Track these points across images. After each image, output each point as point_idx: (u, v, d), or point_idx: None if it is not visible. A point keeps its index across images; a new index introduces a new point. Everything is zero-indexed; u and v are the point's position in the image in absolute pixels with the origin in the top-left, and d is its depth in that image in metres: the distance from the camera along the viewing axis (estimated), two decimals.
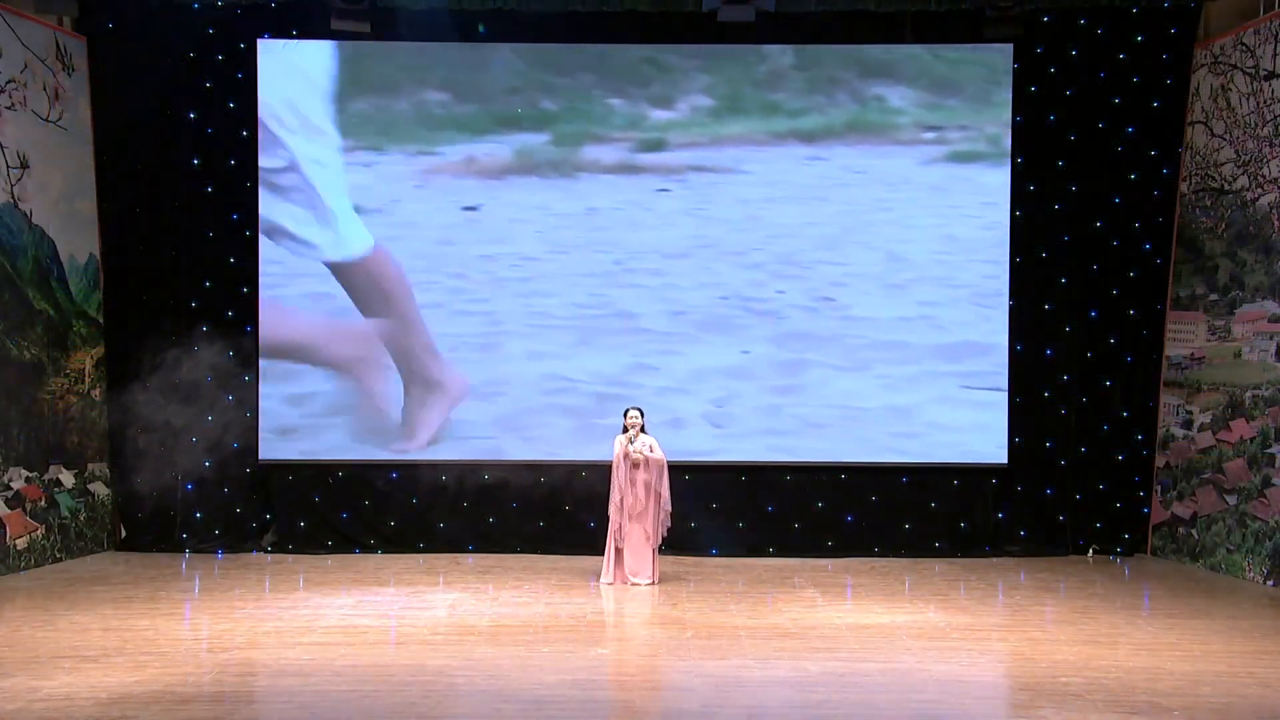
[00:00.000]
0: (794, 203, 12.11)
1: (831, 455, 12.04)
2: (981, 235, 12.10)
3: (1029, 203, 12.14)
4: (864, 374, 12.00)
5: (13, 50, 10.94)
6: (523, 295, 12.11)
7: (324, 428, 12.04)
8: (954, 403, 12.03)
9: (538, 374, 12.05)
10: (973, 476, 12.20)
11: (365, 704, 6.71)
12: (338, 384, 12.12)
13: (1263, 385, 10.87)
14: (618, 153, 12.12)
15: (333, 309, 12.08)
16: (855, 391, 12.00)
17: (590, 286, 12.13)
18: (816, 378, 12.04)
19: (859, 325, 12.05)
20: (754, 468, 12.12)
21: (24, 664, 7.49)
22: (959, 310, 12.08)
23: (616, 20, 11.86)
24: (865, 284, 12.09)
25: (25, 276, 11.08)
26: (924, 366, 12.01)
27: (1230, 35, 11.43)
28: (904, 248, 12.14)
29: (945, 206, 12.12)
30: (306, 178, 11.96)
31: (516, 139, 12.14)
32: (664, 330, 12.11)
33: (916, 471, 12.16)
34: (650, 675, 7.63)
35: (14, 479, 10.87)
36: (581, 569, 11.12)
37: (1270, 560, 10.60)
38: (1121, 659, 7.85)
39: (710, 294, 12.12)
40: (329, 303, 12.07)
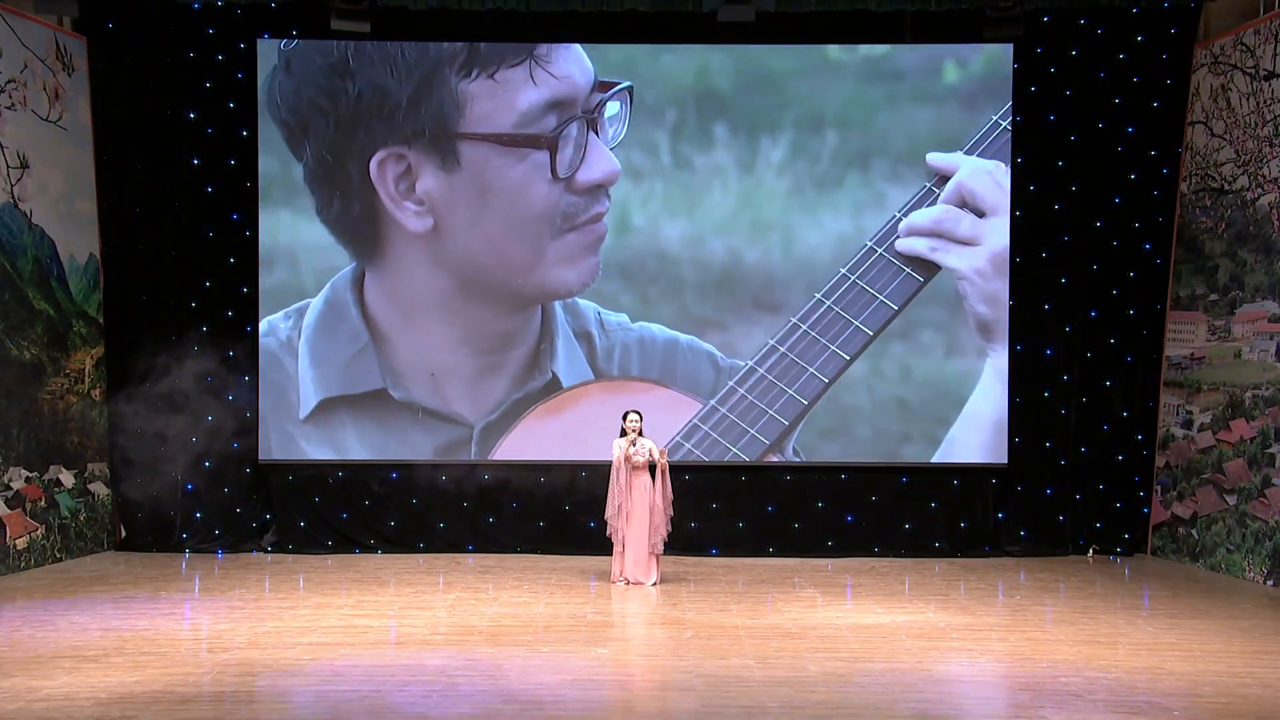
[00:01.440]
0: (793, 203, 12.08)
1: (831, 455, 12.04)
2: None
3: (1029, 203, 12.15)
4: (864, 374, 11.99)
5: (13, 50, 10.94)
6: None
7: (324, 427, 12.03)
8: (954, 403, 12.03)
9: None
10: (973, 476, 12.21)
11: (365, 704, 6.71)
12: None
13: (1263, 385, 10.87)
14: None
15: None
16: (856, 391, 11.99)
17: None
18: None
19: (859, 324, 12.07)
20: (754, 468, 12.13)
21: (24, 664, 7.49)
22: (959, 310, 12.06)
23: (616, 20, 11.86)
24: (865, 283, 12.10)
25: (25, 276, 11.08)
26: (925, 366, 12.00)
27: (1230, 35, 11.44)
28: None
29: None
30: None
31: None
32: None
33: (916, 471, 12.16)
34: (650, 675, 7.63)
35: (14, 479, 10.87)
36: (581, 569, 11.12)
37: (1270, 560, 10.60)
38: (1121, 659, 7.85)
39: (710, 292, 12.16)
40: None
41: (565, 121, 11.85)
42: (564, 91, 11.88)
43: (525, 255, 11.98)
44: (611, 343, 12.16)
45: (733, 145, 12.10)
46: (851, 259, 11.99)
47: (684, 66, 12.12)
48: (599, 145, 11.98)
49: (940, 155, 12.05)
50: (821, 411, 11.94)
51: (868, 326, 11.94)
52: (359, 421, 12.07)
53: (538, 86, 11.86)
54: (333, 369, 12.03)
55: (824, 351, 11.93)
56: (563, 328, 12.12)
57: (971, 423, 12.10)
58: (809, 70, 12.12)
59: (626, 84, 12.00)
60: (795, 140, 12.07)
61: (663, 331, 12.17)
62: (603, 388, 12.14)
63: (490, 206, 11.95)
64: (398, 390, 12.05)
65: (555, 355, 12.08)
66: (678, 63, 12.12)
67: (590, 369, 12.14)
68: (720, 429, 11.97)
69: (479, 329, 12.10)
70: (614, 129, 12.08)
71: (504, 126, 11.92)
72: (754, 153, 12.09)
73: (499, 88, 11.92)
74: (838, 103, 12.07)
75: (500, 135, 11.92)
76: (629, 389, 12.06)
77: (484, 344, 12.11)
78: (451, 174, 11.95)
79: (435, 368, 12.11)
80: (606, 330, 12.14)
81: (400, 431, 12.10)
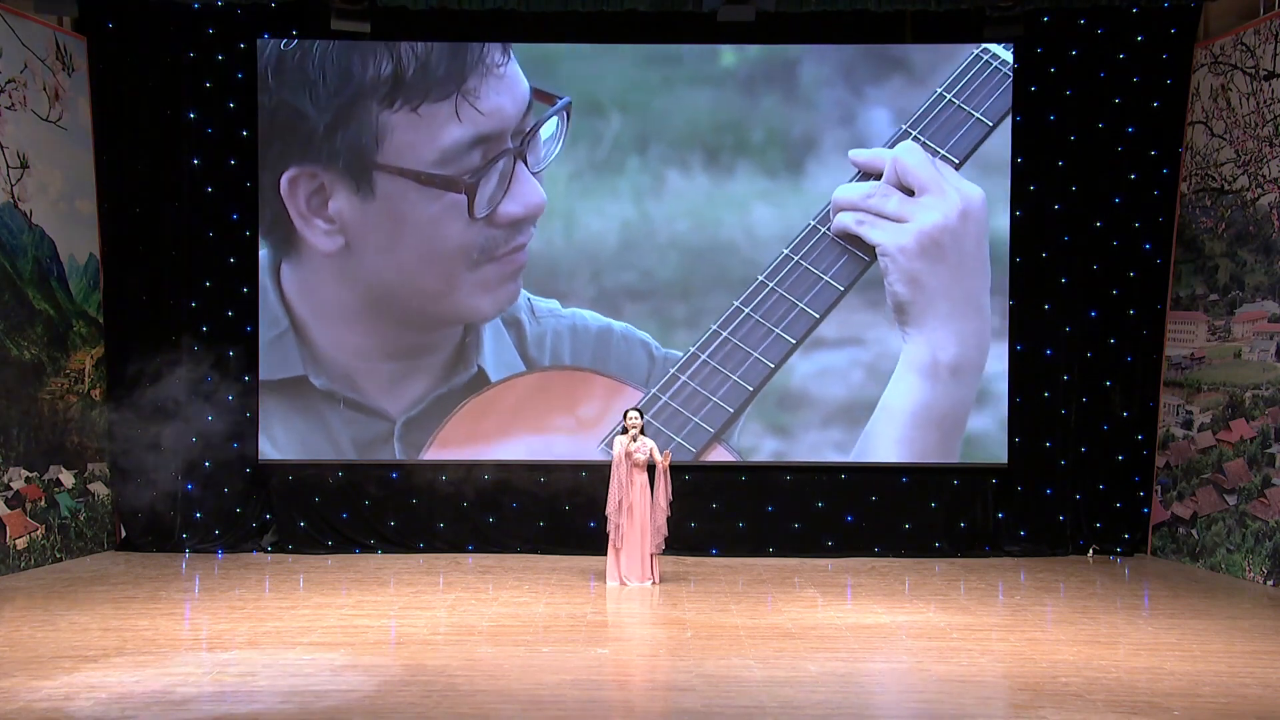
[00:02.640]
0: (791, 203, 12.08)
1: (831, 455, 12.04)
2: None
3: (1029, 203, 12.15)
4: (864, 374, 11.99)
5: (13, 50, 10.94)
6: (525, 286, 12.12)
7: (324, 427, 12.03)
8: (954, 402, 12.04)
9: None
10: (973, 476, 12.21)
11: (365, 704, 6.71)
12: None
13: (1263, 385, 10.87)
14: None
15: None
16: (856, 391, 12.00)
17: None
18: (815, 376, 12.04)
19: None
20: (754, 468, 12.12)
21: (24, 664, 7.50)
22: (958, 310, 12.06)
23: (616, 20, 11.86)
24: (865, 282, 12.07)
25: (25, 276, 11.08)
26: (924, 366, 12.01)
27: (1230, 35, 11.44)
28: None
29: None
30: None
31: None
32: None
33: (916, 471, 12.16)
34: (650, 675, 7.63)
35: (14, 479, 10.87)
36: (581, 569, 11.12)
37: (1270, 560, 10.60)
38: (1121, 659, 7.86)
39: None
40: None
41: (490, 161, 11.62)
42: (491, 127, 11.65)
43: (438, 285, 11.84)
44: (542, 329, 11.90)
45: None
46: (795, 238, 11.76)
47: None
48: (525, 177, 11.75)
49: (862, 151, 11.85)
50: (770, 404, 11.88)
51: (813, 309, 11.70)
52: (283, 410, 11.96)
53: (462, 123, 11.66)
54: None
55: (768, 336, 11.71)
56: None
57: (885, 416, 11.86)
58: (590, 55, 11.99)
59: (565, 100, 11.80)
60: (575, 125, 11.91)
61: (595, 319, 11.93)
62: (537, 378, 11.88)
63: (404, 237, 11.82)
64: (318, 378, 11.92)
65: (481, 348, 11.84)
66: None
67: (520, 357, 11.87)
68: (663, 418, 11.67)
69: (392, 341, 11.94)
70: (548, 149, 11.85)
71: (425, 161, 11.71)
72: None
73: (422, 121, 11.70)
74: (617, 87, 11.94)
75: (418, 174, 11.71)
76: (564, 378, 11.80)
77: (399, 352, 11.96)
78: (365, 201, 11.81)
79: (350, 369, 11.94)
80: (537, 317, 11.90)
81: (322, 422, 11.93)
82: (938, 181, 11.74)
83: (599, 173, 11.95)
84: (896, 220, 11.70)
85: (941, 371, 11.87)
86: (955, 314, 11.84)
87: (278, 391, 11.98)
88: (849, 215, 11.75)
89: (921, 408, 11.88)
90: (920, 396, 11.87)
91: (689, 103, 11.97)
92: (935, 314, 11.82)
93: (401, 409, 11.97)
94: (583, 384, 11.92)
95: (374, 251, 11.83)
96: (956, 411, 11.93)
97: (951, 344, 11.85)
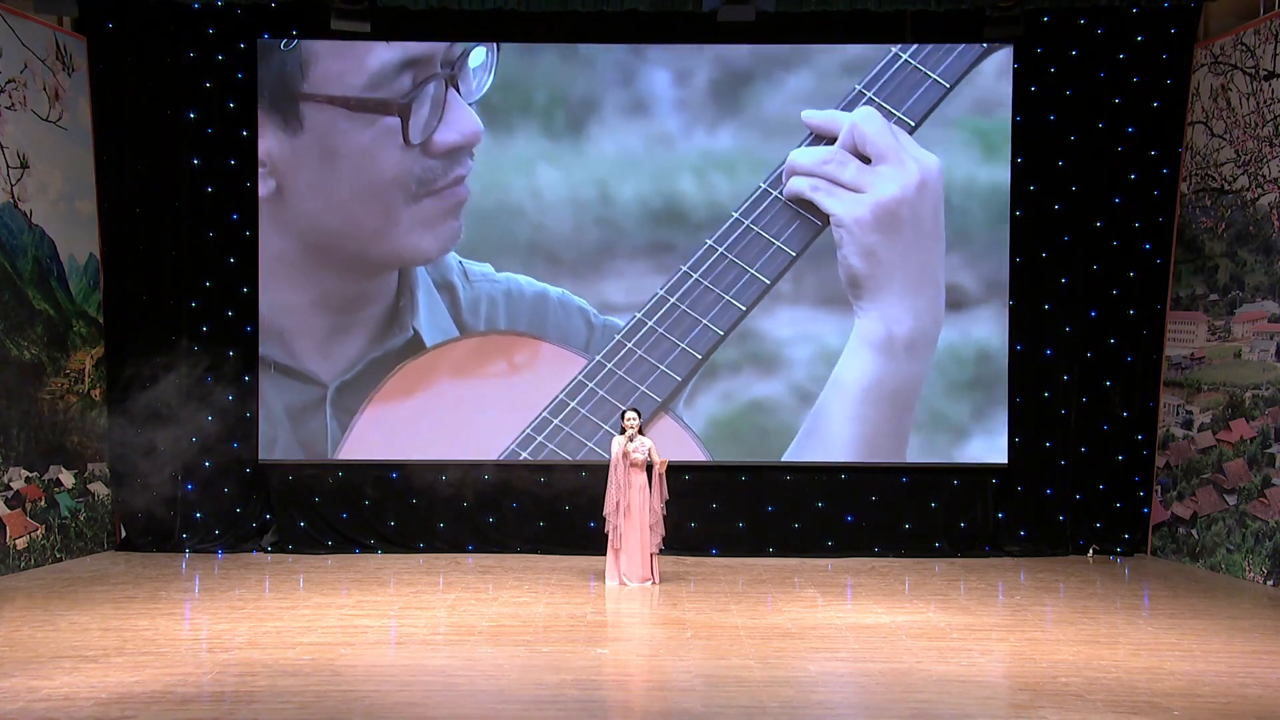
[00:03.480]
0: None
1: (832, 455, 12.03)
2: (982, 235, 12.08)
3: (1029, 203, 12.15)
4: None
5: (13, 50, 10.94)
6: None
7: (324, 427, 12.03)
8: (955, 403, 12.03)
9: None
10: (973, 476, 12.21)
11: (365, 704, 6.71)
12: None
13: (1263, 385, 10.87)
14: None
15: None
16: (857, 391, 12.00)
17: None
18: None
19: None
20: (754, 468, 12.12)
21: (24, 664, 7.49)
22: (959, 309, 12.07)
23: (616, 20, 11.86)
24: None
25: (25, 276, 11.08)
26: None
27: (1230, 35, 11.44)
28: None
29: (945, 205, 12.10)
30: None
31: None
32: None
33: (916, 471, 12.16)
34: (650, 675, 7.63)
35: (14, 479, 10.87)
36: (581, 569, 11.12)
37: (1270, 560, 10.60)
38: (1121, 659, 7.85)
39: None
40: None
41: (421, 82, 11.22)
42: (419, 50, 11.30)
43: (377, 222, 11.55)
44: (476, 294, 11.62)
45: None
46: (744, 202, 11.52)
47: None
48: (459, 104, 11.41)
49: (816, 113, 11.64)
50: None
51: (764, 274, 11.47)
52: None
53: (390, 45, 11.40)
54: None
55: (718, 302, 11.47)
56: (423, 280, 11.63)
57: (837, 390, 11.67)
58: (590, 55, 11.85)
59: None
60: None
61: (530, 284, 11.67)
62: (474, 343, 11.64)
63: (337, 171, 11.56)
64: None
65: (416, 310, 11.59)
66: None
67: (454, 323, 11.62)
68: (608, 386, 11.44)
69: (329, 291, 11.66)
70: (478, 80, 11.48)
71: (354, 87, 11.43)
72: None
73: (346, 47, 11.44)
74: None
75: (348, 99, 11.39)
76: (502, 343, 11.57)
77: (335, 305, 11.69)
78: (294, 137, 11.62)
79: (283, 329, 11.75)
80: (470, 281, 11.62)
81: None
82: (896, 151, 11.50)
83: (555, 140, 11.70)
84: (853, 190, 11.46)
85: (896, 347, 11.66)
86: (910, 288, 11.63)
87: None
88: (803, 180, 11.49)
89: (874, 383, 11.67)
90: (873, 372, 11.67)
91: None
92: (890, 288, 11.61)
93: (334, 374, 11.77)
94: (521, 349, 11.63)
95: (307, 190, 11.62)
96: (909, 388, 11.70)
97: (907, 318, 11.65)
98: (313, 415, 11.83)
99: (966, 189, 11.98)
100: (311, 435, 11.99)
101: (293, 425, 11.93)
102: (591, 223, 11.79)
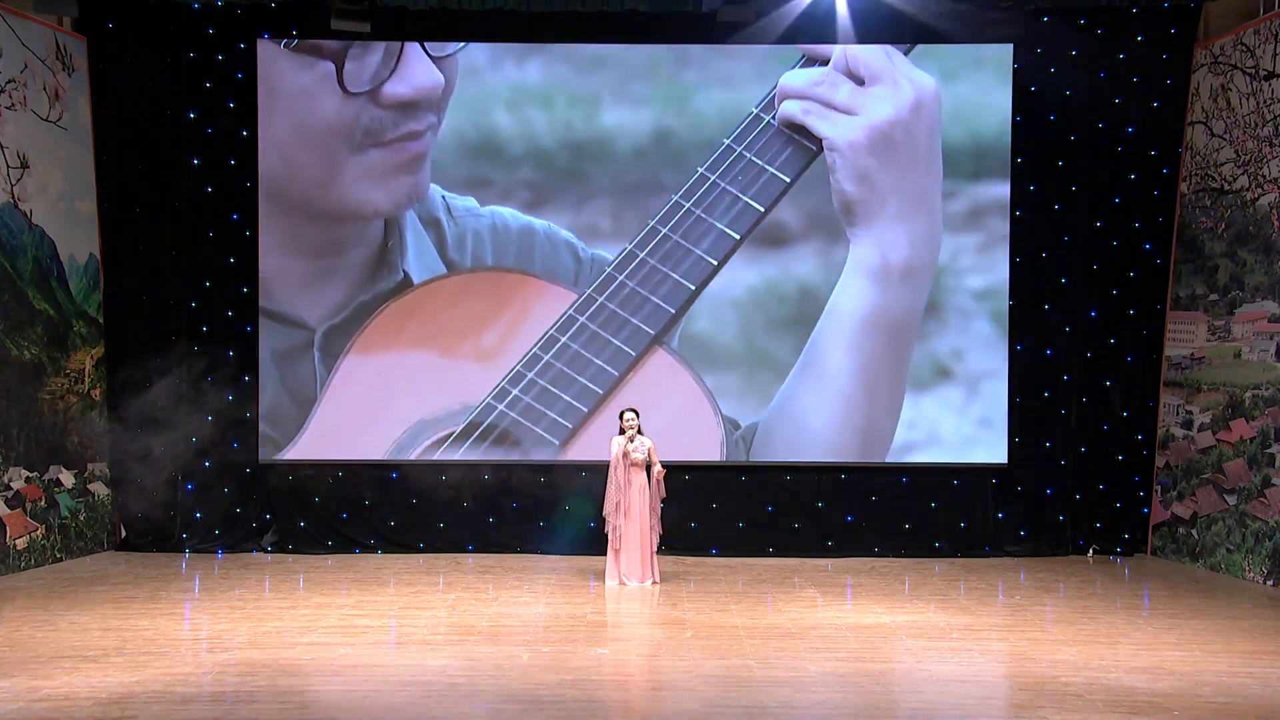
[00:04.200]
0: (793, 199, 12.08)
1: (832, 455, 12.03)
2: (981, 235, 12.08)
3: (1029, 203, 12.15)
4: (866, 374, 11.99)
5: (13, 50, 10.94)
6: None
7: (323, 427, 12.03)
8: (955, 402, 12.03)
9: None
10: (973, 476, 12.20)
11: (365, 704, 6.71)
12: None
13: (1263, 385, 10.87)
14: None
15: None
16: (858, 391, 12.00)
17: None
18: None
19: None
20: (754, 468, 12.12)
21: (24, 664, 7.49)
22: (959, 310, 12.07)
23: (616, 20, 11.86)
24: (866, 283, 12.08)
25: (25, 276, 11.08)
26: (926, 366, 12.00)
27: (1230, 35, 11.44)
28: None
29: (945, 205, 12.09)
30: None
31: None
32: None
33: (916, 471, 12.16)
34: (650, 675, 7.63)
35: (14, 479, 10.87)
36: (581, 569, 11.12)
37: (1270, 560, 10.60)
38: (1121, 659, 7.86)
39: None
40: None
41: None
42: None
43: (319, 170, 11.37)
44: (461, 229, 11.35)
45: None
46: (735, 129, 11.19)
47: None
48: (418, 58, 11.15)
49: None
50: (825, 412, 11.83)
51: (759, 202, 11.18)
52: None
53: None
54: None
55: (710, 231, 11.20)
56: (412, 221, 11.37)
57: (833, 320, 11.42)
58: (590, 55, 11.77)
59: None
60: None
61: (515, 217, 11.39)
62: (462, 280, 11.34)
63: (276, 110, 11.49)
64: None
65: (405, 252, 11.34)
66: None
67: (440, 260, 11.37)
68: (599, 320, 11.18)
69: (300, 234, 11.52)
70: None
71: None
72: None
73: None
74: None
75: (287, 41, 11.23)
76: (490, 280, 11.32)
77: (313, 249, 11.52)
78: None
79: (264, 272, 11.61)
80: (455, 216, 11.36)
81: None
82: (890, 71, 11.21)
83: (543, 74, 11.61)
84: (846, 112, 11.17)
85: (893, 274, 11.43)
86: (906, 213, 11.35)
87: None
88: (795, 104, 11.20)
89: (871, 312, 11.42)
90: (869, 300, 11.42)
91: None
92: (885, 213, 11.34)
93: (321, 317, 11.66)
94: (510, 286, 11.41)
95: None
96: (908, 318, 11.44)
97: (903, 245, 11.35)
98: (300, 360, 11.73)
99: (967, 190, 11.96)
100: (299, 381, 11.85)
101: (280, 372, 11.84)
102: (575, 154, 11.50)
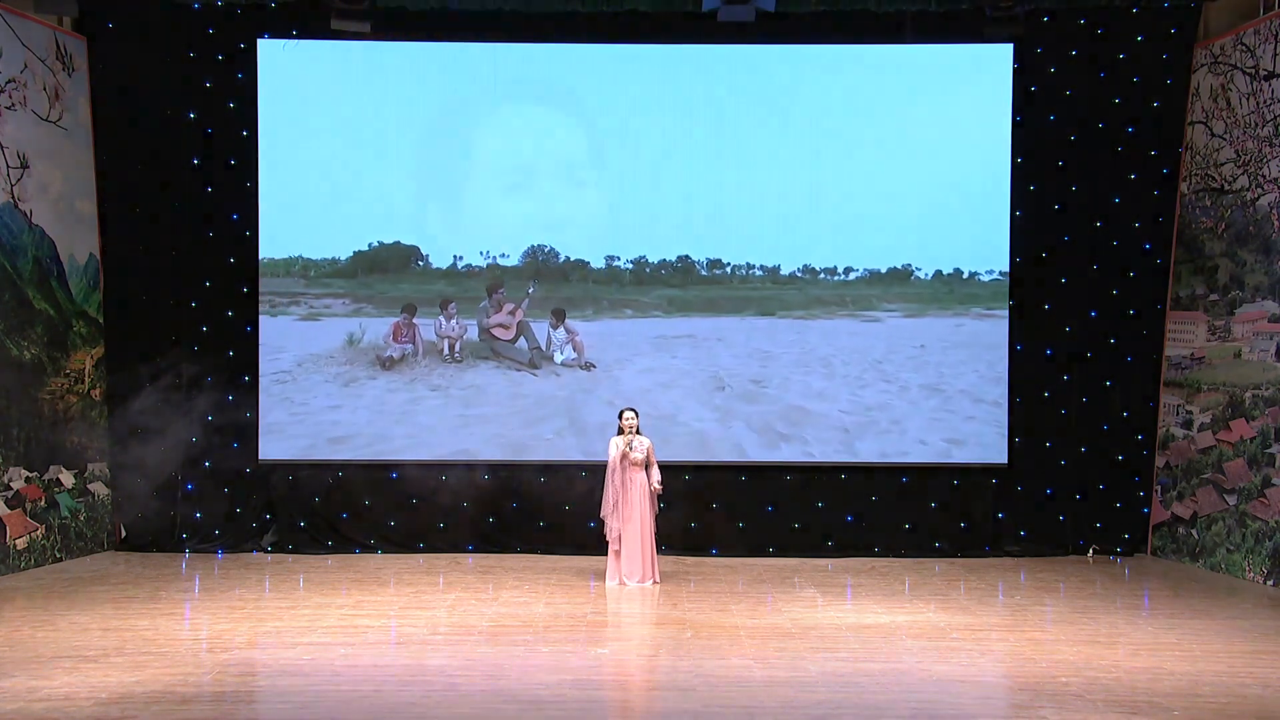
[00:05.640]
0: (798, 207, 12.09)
1: (832, 455, 12.03)
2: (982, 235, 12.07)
3: (1029, 203, 12.14)
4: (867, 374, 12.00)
5: (13, 50, 10.93)
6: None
7: (324, 428, 12.03)
8: (955, 403, 12.02)
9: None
10: (973, 476, 12.20)
11: (365, 704, 6.71)
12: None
13: (1263, 385, 10.87)
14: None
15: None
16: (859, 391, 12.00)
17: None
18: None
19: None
20: (754, 468, 12.12)
21: (24, 664, 7.49)
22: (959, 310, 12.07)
23: (616, 20, 11.85)
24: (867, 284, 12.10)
25: (25, 276, 11.07)
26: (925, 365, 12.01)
27: (1230, 35, 11.43)
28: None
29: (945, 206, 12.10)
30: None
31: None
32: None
33: (916, 471, 12.15)
34: (650, 675, 7.63)
35: (14, 479, 10.87)
36: (581, 569, 11.12)
37: (1270, 560, 10.60)
38: (1121, 659, 7.85)
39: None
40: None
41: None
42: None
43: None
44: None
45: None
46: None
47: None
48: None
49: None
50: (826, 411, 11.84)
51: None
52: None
53: None
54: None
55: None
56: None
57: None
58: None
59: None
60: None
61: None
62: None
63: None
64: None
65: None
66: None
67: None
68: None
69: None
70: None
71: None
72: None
73: None
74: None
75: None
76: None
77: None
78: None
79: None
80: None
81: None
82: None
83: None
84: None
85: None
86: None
87: None
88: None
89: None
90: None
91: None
92: None
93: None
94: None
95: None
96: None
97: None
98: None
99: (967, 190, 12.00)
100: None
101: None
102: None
